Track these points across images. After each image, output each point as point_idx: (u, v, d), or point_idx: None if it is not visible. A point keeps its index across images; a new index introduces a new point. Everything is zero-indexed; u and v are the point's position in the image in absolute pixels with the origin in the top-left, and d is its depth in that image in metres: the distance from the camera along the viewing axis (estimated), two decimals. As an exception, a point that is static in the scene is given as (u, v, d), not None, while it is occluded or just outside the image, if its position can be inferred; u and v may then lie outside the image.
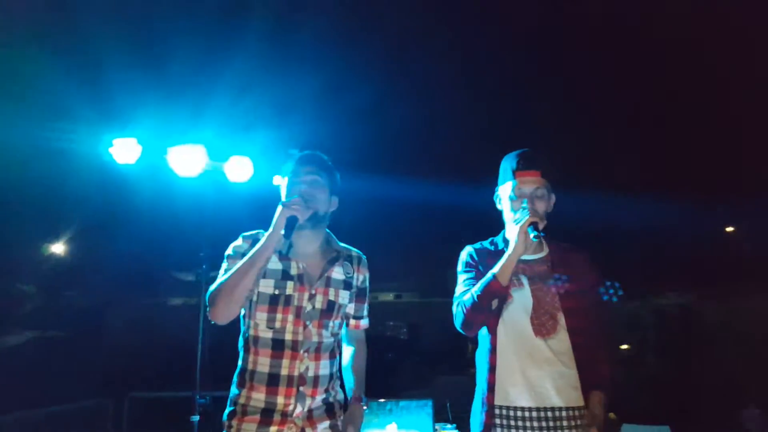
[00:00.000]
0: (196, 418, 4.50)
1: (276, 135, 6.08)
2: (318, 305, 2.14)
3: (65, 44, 5.32)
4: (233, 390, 2.13)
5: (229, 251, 2.19)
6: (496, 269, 2.16)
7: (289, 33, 6.65)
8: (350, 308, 2.30)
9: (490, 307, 2.17)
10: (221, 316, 2.05)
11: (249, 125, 5.69)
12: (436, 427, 3.43)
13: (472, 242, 2.46)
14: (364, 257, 2.34)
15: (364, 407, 2.17)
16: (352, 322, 2.33)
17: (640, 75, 7.98)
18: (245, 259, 2.04)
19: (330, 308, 2.17)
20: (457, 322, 2.28)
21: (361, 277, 2.32)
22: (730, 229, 12.49)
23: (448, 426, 3.63)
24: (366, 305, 2.36)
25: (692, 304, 9.99)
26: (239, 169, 5.72)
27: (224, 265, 2.16)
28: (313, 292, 2.15)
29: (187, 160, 5.36)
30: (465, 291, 2.28)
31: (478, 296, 2.16)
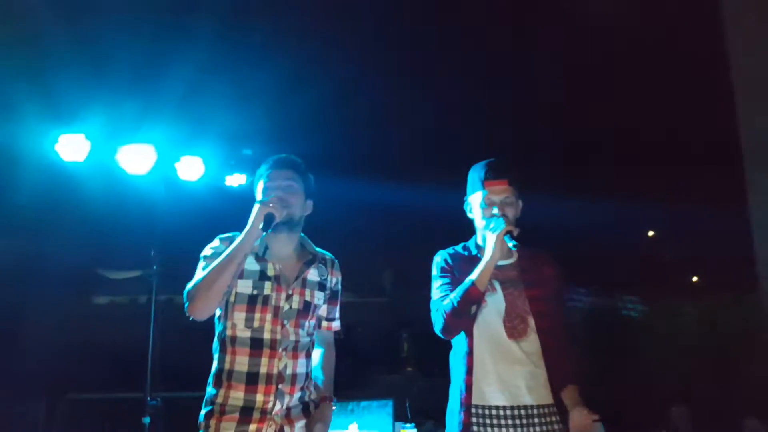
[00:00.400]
0: (147, 419, 4.44)
1: (227, 133, 6.07)
2: (295, 305, 2.19)
3: (8, 37, 5.10)
4: (209, 390, 2.15)
5: (205, 252, 2.21)
6: (474, 276, 2.25)
7: (240, 29, 6.61)
8: (323, 310, 2.34)
9: (469, 312, 2.27)
10: (200, 312, 2.07)
11: (200, 124, 5.63)
12: (396, 426, 3.53)
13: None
14: (336, 261, 2.40)
15: (333, 407, 2.24)
16: (324, 323, 2.38)
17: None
18: (223, 255, 2.07)
19: (306, 308, 2.22)
20: (437, 327, 2.35)
21: (334, 279, 2.37)
22: (651, 233, 13.30)
23: (407, 425, 3.73)
24: (337, 308, 2.41)
25: (614, 305, 10.48)
26: (190, 168, 5.72)
27: (201, 264, 2.18)
28: (290, 292, 2.19)
29: (136, 159, 5.27)
30: (443, 296, 2.36)
31: (457, 302, 2.25)
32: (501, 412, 2.26)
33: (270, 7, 6.43)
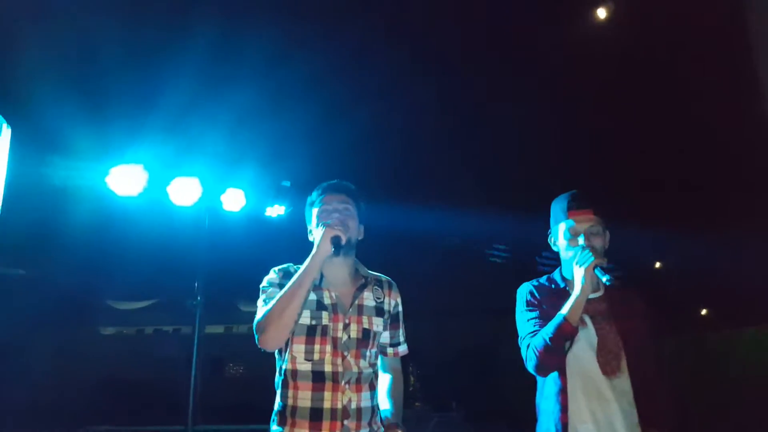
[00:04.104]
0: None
1: (267, 165, 6.23)
2: (353, 334, 2.09)
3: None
4: (274, 429, 2.05)
5: (263, 284, 2.14)
6: (565, 310, 2.15)
7: (283, 60, 6.80)
8: (385, 336, 2.24)
9: (562, 349, 2.17)
10: (272, 343, 2.00)
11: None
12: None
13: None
14: (394, 282, 2.30)
15: None
16: (390, 350, 2.27)
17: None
18: (291, 282, 1.99)
19: (366, 336, 2.11)
20: (530, 365, 2.23)
21: (393, 302, 2.25)
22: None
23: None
24: (401, 330, 2.30)
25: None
26: (233, 200, 5.87)
27: (262, 297, 2.11)
28: (347, 321, 2.09)
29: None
30: (533, 332, 2.25)
31: (550, 339, 2.14)
32: None
33: (316, 37, 6.61)
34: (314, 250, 2.03)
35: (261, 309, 2.04)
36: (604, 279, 2.12)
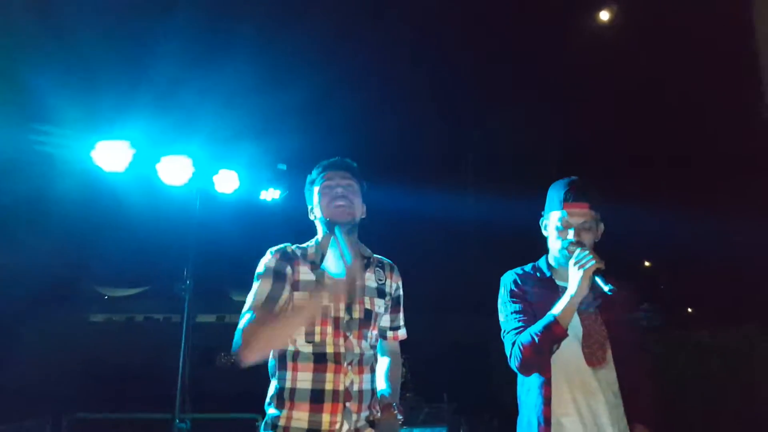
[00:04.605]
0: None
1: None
2: (355, 315, 2.04)
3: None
4: (270, 412, 1.98)
5: (259, 269, 2.05)
6: (556, 311, 2.08)
7: (279, 44, 6.61)
8: (385, 320, 2.20)
9: (551, 350, 2.10)
10: (251, 361, 1.87)
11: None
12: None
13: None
14: (395, 265, 2.25)
15: (400, 419, 2.01)
16: (389, 333, 2.24)
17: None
18: (282, 319, 1.93)
19: (368, 317, 2.07)
20: (514, 363, 2.16)
21: (395, 284, 2.22)
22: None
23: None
24: (401, 314, 2.26)
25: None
26: (226, 182, 5.66)
27: (256, 285, 2.01)
28: (349, 301, 2.02)
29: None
30: (518, 327, 2.18)
31: (539, 339, 2.07)
32: None
33: (305, 22, 6.42)
34: (307, 307, 1.93)
35: (249, 311, 1.95)
36: (606, 288, 2.01)
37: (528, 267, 2.37)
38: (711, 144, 8.83)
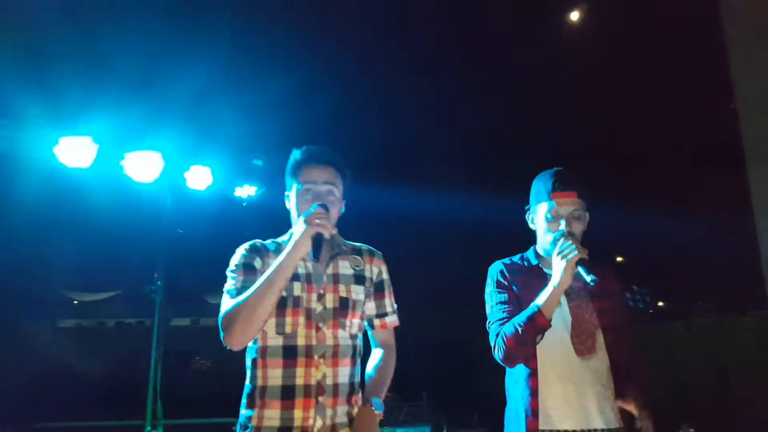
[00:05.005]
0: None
1: (238, 143, 5.84)
2: (329, 304, 1.95)
3: (10, 37, 4.86)
4: (243, 413, 1.91)
5: (230, 267, 1.98)
6: (539, 301, 2.04)
7: (251, 35, 6.42)
8: (370, 307, 2.08)
9: (534, 341, 2.06)
10: (238, 342, 1.84)
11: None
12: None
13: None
14: (378, 251, 2.15)
15: (379, 415, 1.91)
16: (376, 322, 2.10)
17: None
18: (263, 279, 1.84)
19: (344, 305, 1.97)
20: (498, 355, 2.12)
21: (376, 269, 2.10)
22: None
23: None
24: (389, 300, 2.13)
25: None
26: (198, 178, 5.44)
27: (230, 282, 1.95)
28: (321, 291, 1.95)
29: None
30: (502, 318, 2.14)
31: (522, 329, 2.04)
32: None
33: (280, 13, 6.24)
34: (291, 248, 1.86)
35: (227, 301, 1.91)
36: (588, 279, 2.00)
37: (516, 257, 2.34)
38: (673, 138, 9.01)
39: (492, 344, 2.15)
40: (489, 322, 2.20)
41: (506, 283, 2.23)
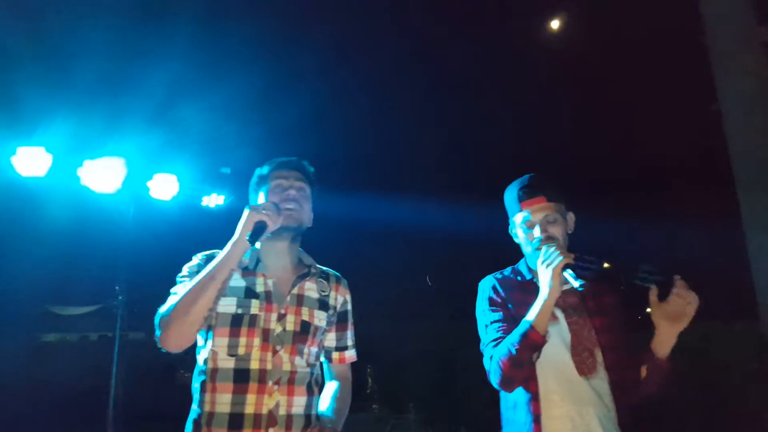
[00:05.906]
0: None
1: (205, 150, 5.70)
2: (290, 327, 1.79)
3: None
4: None
5: (182, 272, 1.83)
6: (531, 317, 1.90)
7: (218, 40, 6.26)
8: (330, 338, 1.95)
9: (531, 360, 1.92)
10: (174, 343, 1.67)
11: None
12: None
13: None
14: (344, 279, 2.01)
15: None
16: (335, 355, 1.96)
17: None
18: (204, 272, 1.69)
19: (305, 330, 1.81)
20: (494, 379, 1.96)
21: (341, 298, 1.97)
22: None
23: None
24: (350, 333, 2.01)
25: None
26: (163, 187, 5.27)
27: (177, 286, 1.80)
28: (283, 311, 1.79)
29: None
30: (496, 339, 1.99)
31: (516, 350, 1.89)
32: None
33: (248, 15, 6.09)
34: (235, 236, 1.73)
35: (169, 301, 1.74)
36: (576, 284, 1.86)
37: (507, 271, 2.19)
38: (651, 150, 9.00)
39: (486, 368, 2.00)
40: (483, 344, 2.04)
41: (500, 300, 2.08)
